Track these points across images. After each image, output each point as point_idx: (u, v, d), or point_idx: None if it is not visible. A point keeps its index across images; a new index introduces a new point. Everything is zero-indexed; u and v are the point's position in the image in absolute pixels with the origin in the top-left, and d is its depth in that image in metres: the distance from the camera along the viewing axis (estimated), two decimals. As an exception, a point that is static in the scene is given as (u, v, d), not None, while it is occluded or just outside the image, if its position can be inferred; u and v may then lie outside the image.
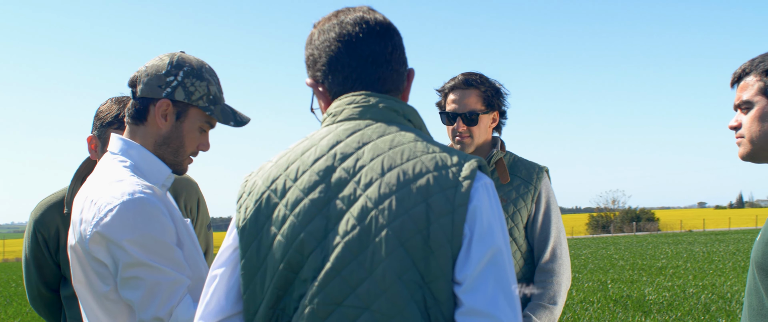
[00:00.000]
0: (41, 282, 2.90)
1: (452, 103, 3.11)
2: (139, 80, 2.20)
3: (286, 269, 1.53)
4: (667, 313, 11.13)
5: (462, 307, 1.45)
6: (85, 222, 2.03)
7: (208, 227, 3.13)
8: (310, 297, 1.50)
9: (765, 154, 2.27)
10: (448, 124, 3.13)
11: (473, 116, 3.05)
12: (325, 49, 1.68)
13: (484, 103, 3.08)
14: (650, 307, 11.84)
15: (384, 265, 1.45)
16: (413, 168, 1.51)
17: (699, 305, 11.91)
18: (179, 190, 3.02)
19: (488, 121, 3.11)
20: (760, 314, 2.17)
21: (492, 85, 3.12)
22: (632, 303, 12.34)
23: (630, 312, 11.32)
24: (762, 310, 2.17)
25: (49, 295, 2.93)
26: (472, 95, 3.07)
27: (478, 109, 3.06)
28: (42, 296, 2.93)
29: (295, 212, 1.54)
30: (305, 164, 1.58)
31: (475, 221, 1.48)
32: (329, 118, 1.67)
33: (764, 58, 2.27)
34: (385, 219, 1.46)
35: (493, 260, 1.47)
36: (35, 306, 2.98)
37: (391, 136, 1.58)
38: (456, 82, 3.12)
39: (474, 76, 3.11)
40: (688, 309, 11.49)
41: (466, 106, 3.06)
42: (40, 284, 2.91)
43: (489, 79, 3.13)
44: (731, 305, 11.88)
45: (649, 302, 12.50)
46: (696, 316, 10.83)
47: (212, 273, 1.63)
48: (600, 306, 12.02)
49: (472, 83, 3.08)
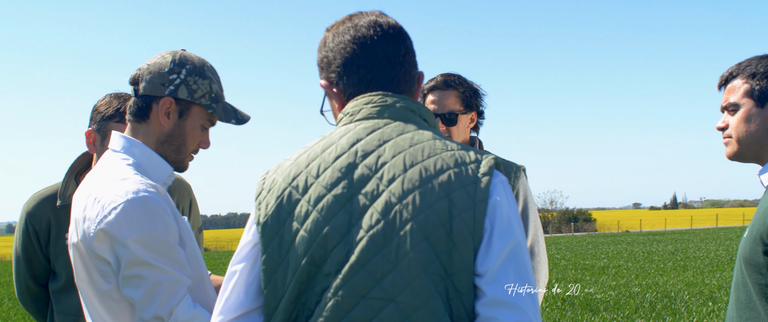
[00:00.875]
0: (30, 276, 2.89)
1: (431, 103, 3.15)
2: (142, 78, 2.21)
3: (309, 263, 1.56)
4: (614, 312, 11.30)
5: (484, 298, 1.50)
6: (88, 220, 2.03)
7: (199, 230, 3.16)
8: (334, 290, 1.53)
9: (750, 154, 2.40)
10: None
11: (452, 117, 3.10)
12: (341, 52, 1.73)
13: (463, 103, 3.14)
14: (597, 306, 11.99)
15: (409, 257, 1.50)
16: (434, 165, 1.56)
17: (645, 304, 12.11)
18: (172, 190, 3.03)
19: (466, 121, 3.17)
20: (748, 306, 2.27)
21: (470, 86, 3.17)
22: (580, 302, 12.49)
23: (578, 311, 11.46)
24: (750, 303, 2.27)
25: (37, 290, 2.92)
26: (451, 96, 3.13)
27: (456, 110, 3.12)
28: (30, 290, 2.92)
29: (318, 208, 1.57)
30: (326, 161, 1.62)
31: (495, 215, 1.54)
32: (346, 118, 1.71)
33: (750, 63, 2.41)
34: (409, 213, 1.51)
35: (513, 252, 1.53)
36: (23, 301, 2.97)
37: (410, 135, 1.63)
38: (435, 83, 3.17)
39: (452, 77, 3.17)
40: (635, 308, 11.69)
41: (445, 107, 3.11)
42: (28, 278, 2.89)
43: (467, 80, 3.18)
44: (675, 303, 12.12)
45: (596, 301, 12.65)
46: (643, 314, 11.03)
47: (232, 269, 1.65)
48: (548, 305, 12.11)
49: (451, 84, 3.14)
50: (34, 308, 2.96)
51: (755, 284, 2.25)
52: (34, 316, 2.98)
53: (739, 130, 2.40)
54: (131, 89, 2.24)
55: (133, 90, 2.23)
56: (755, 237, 2.25)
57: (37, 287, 2.90)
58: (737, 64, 2.47)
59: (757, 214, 2.29)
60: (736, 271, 2.36)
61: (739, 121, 2.40)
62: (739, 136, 2.40)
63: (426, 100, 3.19)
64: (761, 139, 2.37)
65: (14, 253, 2.92)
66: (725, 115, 2.48)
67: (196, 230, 3.11)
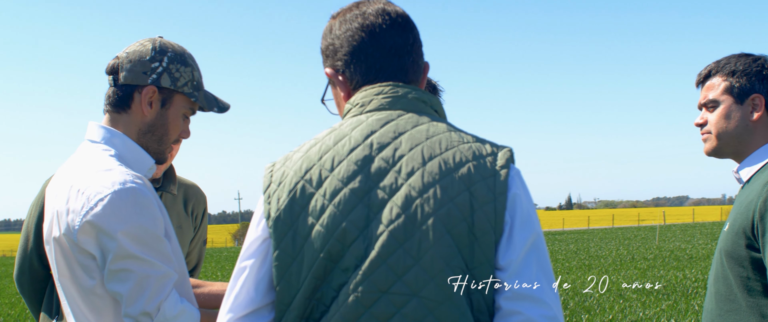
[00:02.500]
0: (37, 254, 2.68)
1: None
2: (121, 67, 2.13)
3: (325, 258, 1.52)
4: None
5: (506, 291, 1.50)
6: (72, 212, 1.95)
7: (203, 242, 3.13)
8: (354, 285, 1.50)
9: (729, 150, 2.48)
10: None
11: None
12: (348, 39, 1.69)
13: None
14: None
15: (432, 252, 1.47)
16: (453, 157, 1.54)
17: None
18: (189, 196, 3.01)
19: None
20: (728, 299, 2.34)
21: (428, 82, 3.06)
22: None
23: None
24: (730, 295, 2.33)
25: (40, 269, 2.70)
26: None
27: None
28: (32, 268, 2.70)
29: (335, 202, 1.53)
30: (341, 154, 1.58)
31: (515, 208, 1.52)
32: (356, 109, 1.67)
33: (729, 60, 2.49)
34: (430, 207, 1.49)
35: (535, 245, 1.52)
36: (20, 282, 2.76)
37: (425, 127, 1.61)
38: None
39: None
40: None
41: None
42: (34, 256, 2.68)
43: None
44: (589, 301, 12.37)
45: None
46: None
47: (240, 265, 1.61)
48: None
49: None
50: (31, 290, 2.76)
51: (737, 277, 2.31)
52: (28, 300, 2.81)
53: (719, 126, 2.46)
54: (109, 79, 2.16)
55: (111, 80, 2.15)
56: (737, 231, 2.30)
57: (41, 267, 2.70)
58: (716, 61, 2.54)
59: (739, 208, 2.36)
60: (717, 264, 2.42)
61: (719, 118, 2.46)
62: (718, 132, 2.47)
63: None
64: (740, 135, 2.44)
65: (24, 229, 2.78)
66: (704, 111, 2.54)
67: (201, 242, 3.09)
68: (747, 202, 2.30)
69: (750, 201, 2.28)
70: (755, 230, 2.23)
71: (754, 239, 2.24)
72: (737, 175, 2.51)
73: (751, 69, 2.44)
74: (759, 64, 2.45)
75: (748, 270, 2.27)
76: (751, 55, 2.50)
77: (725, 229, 2.39)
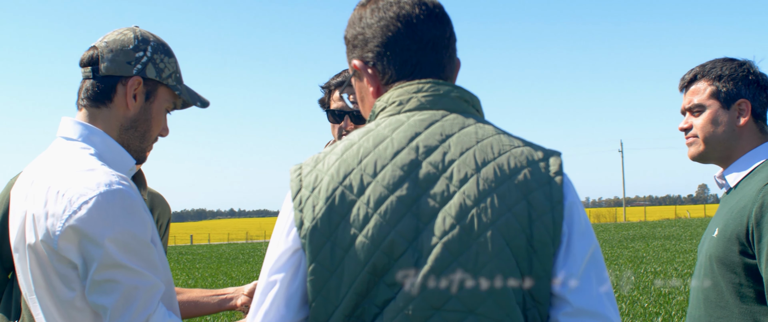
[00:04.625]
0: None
1: (339, 100, 2.89)
2: (101, 57, 1.96)
3: (370, 272, 1.41)
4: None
5: (567, 307, 1.41)
6: (52, 216, 1.76)
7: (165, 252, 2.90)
8: (404, 302, 1.39)
9: (715, 155, 2.47)
10: (334, 122, 2.91)
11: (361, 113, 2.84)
12: (382, 29, 1.57)
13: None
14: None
15: (490, 266, 1.38)
16: (508, 163, 1.44)
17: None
18: (155, 204, 2.82)
19: None
20: (719, 305, 2.31)
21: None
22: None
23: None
24: (721, 302, 2.30)
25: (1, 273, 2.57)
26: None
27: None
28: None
29: (381, 211, 1.41)
30: (383, 158, 1.46)
31: (572, 218, 1.44)
32: (392, 108, 1.55)
33: (715, 65, 2.47)
34: (488, 217, 1.39)
35: (594, 257, 1.44)
36: None
37: (473, 129, 1.50)
38: (344, 77, 2.92)
39: None
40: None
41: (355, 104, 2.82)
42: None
43: None
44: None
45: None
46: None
47: (269, 279, 1.47)
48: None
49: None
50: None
51: (729, 283, 2.29)
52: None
53: (706, 131, 2.44)
54: (86, 71, 1.98)
55: (90, 71, 1.97)
56: (730, 237, 2.27)
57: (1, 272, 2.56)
58: (700, 65, 2.52)
59: (730, 213, 2.34)
60: (704, 270, 2.39)
61: (706, 123, 2.44)
62: (705, 137, 2.45)
63: (332, 96, 2.92)
64: (727, 140, 2.43)
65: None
66: (688, 116, 2.52)
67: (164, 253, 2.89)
68: (739, 207, 2.27)
69: (743, 207, 2.25)
70: (750, 236, 2.21)
71: (749, 245, 2.23)
72: (721, 180, 2.51)
73: (738, 74, 2.43)
74: (745, 68, 2.45)
75: (740, 277, 2.25)
76: (736, 59, 2.49)
77: (714, 235, 2.35)
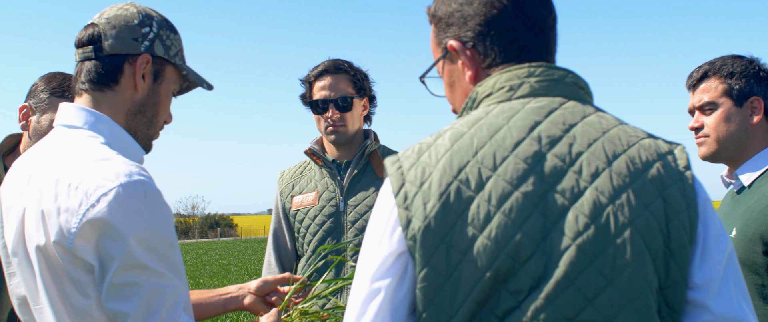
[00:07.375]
0: None
1: (321, 90, 3.00)
2: (104, 35, 1.78)
3: (492, 278, 1.27)
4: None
5: (707, 315, 1.30)
6: (65, 212, 1.57)
7: None
8: (533, 312, 1.26)
9: (727, 154, 2.41)
10: (318, 113, 3.03)
11: (347, 101, 2.96)
12: (485, 6, 1.45)
13: (355, 87, 3.02)
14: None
15: (630, 270, 1.26)
16: (639, 155, 1.33)
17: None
18: None
19: (360, 107, 3.05)
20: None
21: (359, 70, 3.08)
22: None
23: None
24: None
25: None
26: (342, 80, 3.00)
27: (349, 93, 2.98)
28: None
29: (504, 209, 1.28)
30: (503, 149, 1.32)
31: (707, 217, 1.34)
32: (501, 93, 1.42)
33: (725, 62, 2.41)
34: (625, 217, 1.27)
35: (730, 260, 1.34)
36: None
37: (595, 118, 1.38)
38: (324, 67, 3.03)
39: (341, 61, 3.04)
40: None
41: (338, 92, 2.98)
42: None
43: (355, 64, 3.08)
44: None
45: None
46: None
47: (373, 286, 1.31)
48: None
49: (342, 68, 3.02)
50: None
51: (751, 285, 2.25)
52: None
53: (720, 129, 2.39)
54: (86, 51, 1.79)
55: (91, 51, 1.78)
56: (752, 237, 2.24)
57: None
58: (709, 63, 2.47)
59: (750, 213, 2.33)
60: None
61: (719, 121, 2.39)
62: (718, 135, 2.40)
63: (313, 88, 3.01)
64: (741, 138, 2.39)
65: None
66: (698, 114, 2.47)
67: None
68: (761, 207, 2.25)
69: (765, 207, 2.23)
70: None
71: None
72: (730, 179, 2.49)
73: (749, 71, 2.40)
74: (755, 66, 2.43)
75: (763, 277, 2.23)
76: (745, 56, 2.47)
77: (732, 235, 2.32)
